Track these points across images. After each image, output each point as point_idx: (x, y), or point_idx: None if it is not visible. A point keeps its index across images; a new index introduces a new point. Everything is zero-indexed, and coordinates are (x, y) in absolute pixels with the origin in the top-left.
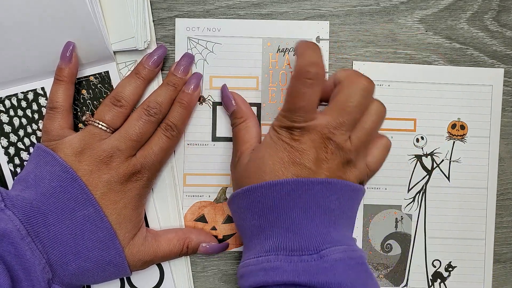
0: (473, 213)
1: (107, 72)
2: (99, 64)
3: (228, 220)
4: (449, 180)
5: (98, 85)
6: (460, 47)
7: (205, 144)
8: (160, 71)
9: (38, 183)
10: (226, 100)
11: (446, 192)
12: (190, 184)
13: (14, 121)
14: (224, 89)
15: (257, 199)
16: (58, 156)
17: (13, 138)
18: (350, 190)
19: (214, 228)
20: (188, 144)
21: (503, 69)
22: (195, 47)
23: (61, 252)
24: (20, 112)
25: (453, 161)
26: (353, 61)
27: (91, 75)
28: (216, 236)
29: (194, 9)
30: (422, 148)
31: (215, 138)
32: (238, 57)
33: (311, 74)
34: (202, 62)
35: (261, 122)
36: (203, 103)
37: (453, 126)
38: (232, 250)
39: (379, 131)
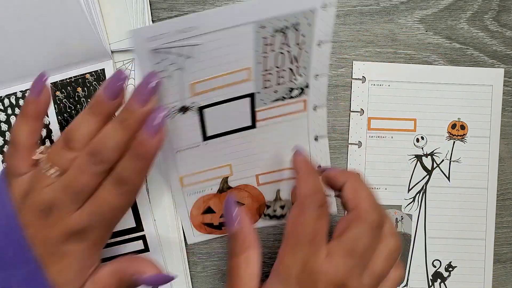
0: (473, 213)
1: (103, 70)
2: (95, 62)
3: None
4: (449, 180)
5: (93, 83)
6: (460, 47)
7: (197, 146)
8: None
9: None
10: (229, 217)
11: (446, 192)
12: (189, 183)
13: (11, 120)
14: (228, 201)
15: None
16: (8, 194)
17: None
18: None
19: (223, 216)
20: (178, 151)
21: (503, 69)
22: (165, 60)
23: None
24: (17, 111)
25: (453, 161)
26: (353, 61)
27: (87, 73)
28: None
29: (194, 9)
30: (422, 148)
31: (206, 138)
32: (225, 52)
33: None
34: (177, 73)
35: (256, 109)
36: (187, 112)
37: (453, 126)
38: None
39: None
